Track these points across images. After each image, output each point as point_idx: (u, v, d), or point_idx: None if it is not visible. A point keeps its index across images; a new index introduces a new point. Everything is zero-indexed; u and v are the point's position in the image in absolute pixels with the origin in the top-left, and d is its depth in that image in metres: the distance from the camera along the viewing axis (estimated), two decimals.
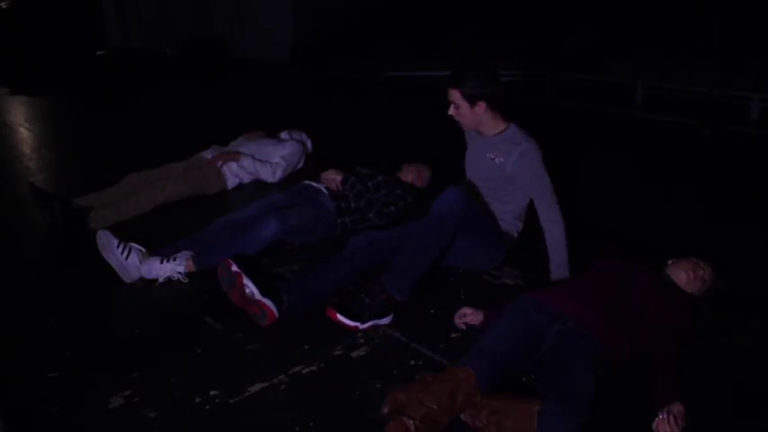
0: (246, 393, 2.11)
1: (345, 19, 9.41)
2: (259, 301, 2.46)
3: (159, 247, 2.96)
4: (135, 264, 2.86)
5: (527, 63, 7.51)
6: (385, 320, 2.50)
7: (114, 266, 2.86)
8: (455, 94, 2.72)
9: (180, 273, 2.85)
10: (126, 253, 2.86)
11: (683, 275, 2.41)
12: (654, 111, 6.30)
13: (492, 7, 8.82)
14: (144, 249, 2.91)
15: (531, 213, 2.98)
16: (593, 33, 7.97)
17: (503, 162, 2.78)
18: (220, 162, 3.97)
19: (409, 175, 3.56)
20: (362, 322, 2.45)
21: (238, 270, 2.52)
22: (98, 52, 11.07)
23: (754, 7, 7.05)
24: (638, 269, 2.39)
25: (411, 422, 1.83)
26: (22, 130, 6.26)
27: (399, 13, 9.26)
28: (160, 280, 2.85)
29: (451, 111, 2.77)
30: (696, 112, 5.97)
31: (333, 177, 3.35)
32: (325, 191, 3.34)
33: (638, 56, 7.35)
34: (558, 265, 2.73)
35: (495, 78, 2.76)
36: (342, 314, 2.44)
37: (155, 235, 3.09)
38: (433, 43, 8.59)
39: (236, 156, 4.02)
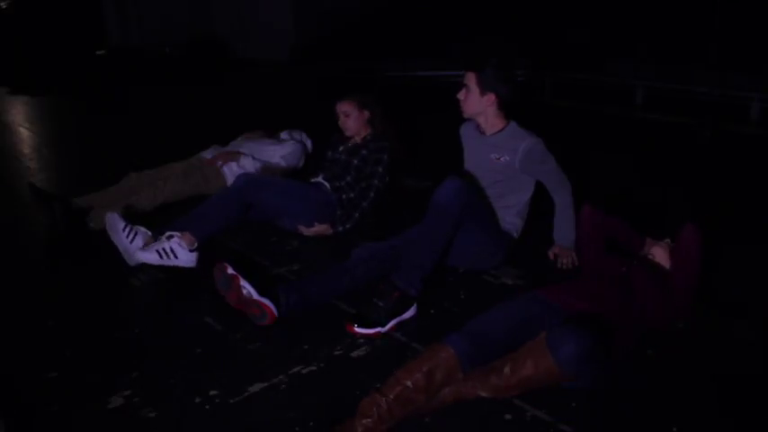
0: (246, 393, 2.11)
1: (345, 19, 9.42)
2: (258, 300, 2.45)
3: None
4: (139, 246, 2.92)
5: (527, 63, 7.51)
6: (408, 314, 2.50)
7: (119, 248, 2.92)
8: (471, 78, 2.79)
9: (177, 244, 2.89)
10: (131, 236, 2.91)
11: (660, 251, 2.52)
12: (654, 111, 6.30)
13: (491, 8, 8.82)
14: (150, 233, 2.97)
15: (531, 213, 2.99)
16: (588, 34, 7.98)
17: (509, 160, 2.80)
18: (220, 162, 3.98)
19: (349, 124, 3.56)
20: (383, 326, 2.44)
21: (234, 272, 2.52)
22: (98, 52, 11.08)
23: (754, 7, 7.05)
24: (636, 269, 2.39)
25: (383, 399, 1.85)
26: (22, 130, 6.27)
27: (399, 13, 9.26)
28: (160, 253, 2.88)
29: (461, 94, 2.84)
30: (696, 112, 5.97)
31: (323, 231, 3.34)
32: (326, 183, 3.39)
33: (638, 55, 7.35)
34: (563, 231, 2.94)
35: (511, 78, 2.84)
36: (360, 326, 2.43)
37: (155, 235, 3.08)
38: (433, 44, 8.60)
39: (235, 155, 4.03)
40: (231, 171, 4.01)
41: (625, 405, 2.03)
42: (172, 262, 2.89)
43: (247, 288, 2.47)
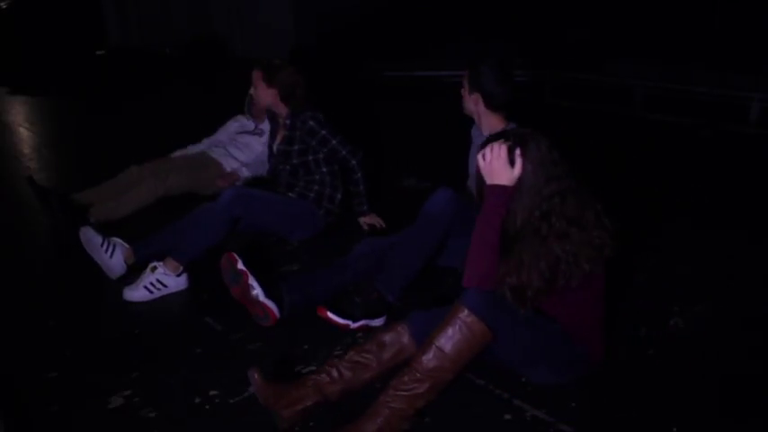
0: (246, 393, 2.11)
1: (345, 19, 9.42)
2: (263, 302, 2.46)
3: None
4: (119, 260, 2.90)
5: (526, 63, 7.51)
6: (377, 321, 2.50)
7: (98, 262, 2.90)
8: (465, 76, 2.81)
9: (163, 274, 2.77)
10: (110, 251, 2.89)
11: None
12: (654, 111, 6.30)
13: (490, 8, 8.82)
14: (127, 245, 2.94)
15: None
16: (588, 34, 7.97)
17: None
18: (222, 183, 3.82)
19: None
20: (354, 321, 2.45)
21: (244, 269, 2.50)
22: (98, 52, 11.07)
23: (754, 7, 7.05)
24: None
25: (338, 362, 1.99)
26: (22, 130, 6.27)
27: (399, 14, 9.26)
28: (149, 289, 2.76)
29: (462, 91, 2.84)
30: (696, 112, 5.96)
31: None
32: (291, 195, 3.33)
33: (637, 55, 7.34)
34: None
35: (502, 80, 2.76)
36: (333, 312, 2.44)
37: (133, 248, 3.05)
38: (432, 44, 8.60)
39: (234, 176, 3.91)
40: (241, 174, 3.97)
41: (625, 405, 2.04)
42: (162, 292, 2.77)
43: (256, 289, 2.46)
